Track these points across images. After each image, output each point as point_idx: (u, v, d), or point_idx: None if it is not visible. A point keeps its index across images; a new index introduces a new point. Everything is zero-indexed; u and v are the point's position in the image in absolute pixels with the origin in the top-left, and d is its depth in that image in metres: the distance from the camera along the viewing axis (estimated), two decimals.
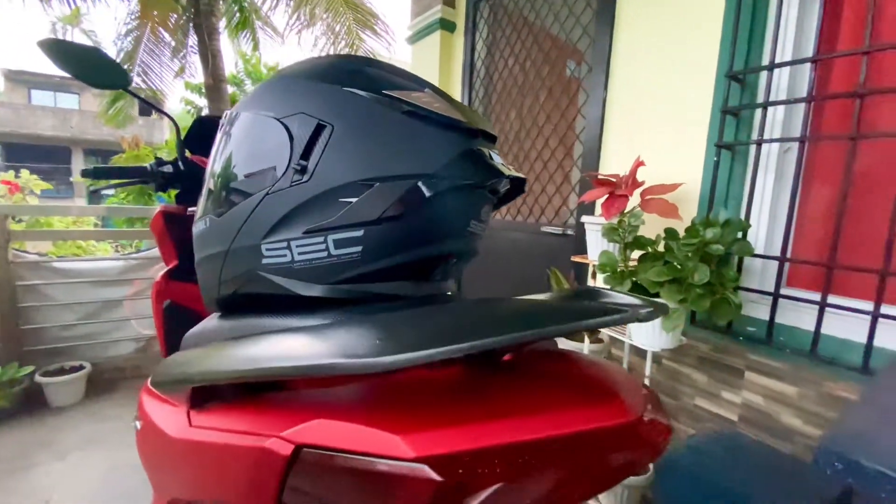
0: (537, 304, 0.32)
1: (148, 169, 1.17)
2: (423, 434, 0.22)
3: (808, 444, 1.29)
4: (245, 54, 7.72)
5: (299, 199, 0.40)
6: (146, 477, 1.51)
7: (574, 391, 0.27)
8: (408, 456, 0.22)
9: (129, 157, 4.26)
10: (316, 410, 0.27)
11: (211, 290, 0.50)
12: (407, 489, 0.22)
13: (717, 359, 1.49)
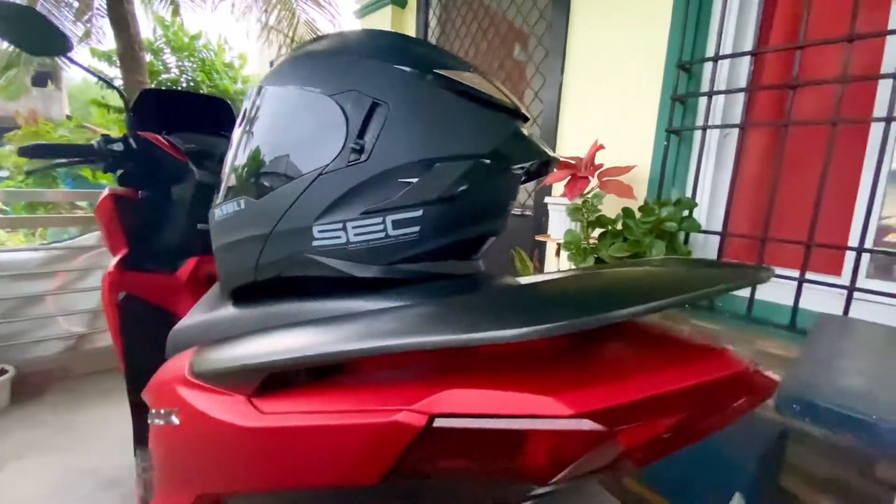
0: (657, 273, 0.35)
1: (95, 147, 1.06)
2: (572, 393, 0.24)
3: None
4: (163, 20, 6.98)
5: (357, 179, 0.39)
6: (98, 482, 1.39)
7: (680, 349, 0.30)
8: (565, 413, 0.24)
9: (25, 134, 3.75)
10: (436, 383, 0.28)
11: (240, 277, 0.47)
12: (564, 445, 0.24)
13: None
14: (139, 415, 1.21)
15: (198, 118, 1.26)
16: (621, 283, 0.30)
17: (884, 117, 1.14)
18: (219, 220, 0.48)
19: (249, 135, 0.46)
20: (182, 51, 7.25)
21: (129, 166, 1.12)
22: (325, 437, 0.31)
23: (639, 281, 0.30)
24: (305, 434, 0.32)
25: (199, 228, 1.19)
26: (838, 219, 1.33)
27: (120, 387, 2.16)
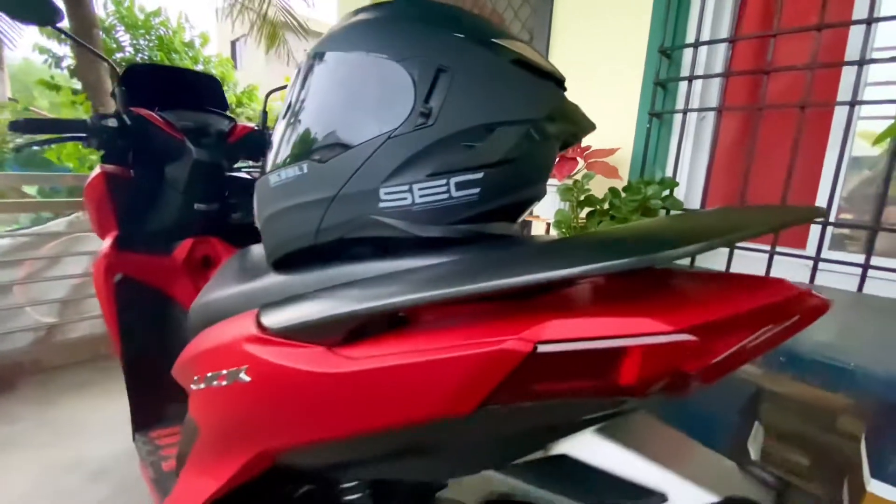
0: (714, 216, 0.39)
1: (88, 123, 1.01)
2: (664, 314, 0.28)
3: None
4: None
5: (423, 143, 0.42)
6: (86, 474, 1.36)
7: (741, 280, 0.34)
8: (666, 329, 0.27)
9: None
10: (530, 317, 0.31)
11: (297, 241, 0.48)
12: (659, 359, 0.28)
13: None
14: (139, 399, 1.18)
15: (187, 94, 1.23)
16: (689, 225, 0.34)
17: (847, 101, 1.25)
18: (275, 186, 0.49)
19: (311, 100, 0.47)
20: (137, 28, 6.83)
21: (120, 144, 1.08)
22: (421, 372, 0.33)
23: (705, 223, 0.34)
24: (399, 372, 0.34)
25: (195, 209, 1.17)
26: (805, 196, 1.44)
27: (95, 379, 2.10)
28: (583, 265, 0.27)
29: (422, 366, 0.34)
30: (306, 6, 5.39)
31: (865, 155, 1.51)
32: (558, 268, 0.28)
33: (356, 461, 0.46)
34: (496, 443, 0.40)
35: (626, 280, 0.36)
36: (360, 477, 0.50)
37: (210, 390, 0.51)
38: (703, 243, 0.28)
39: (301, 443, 0.46)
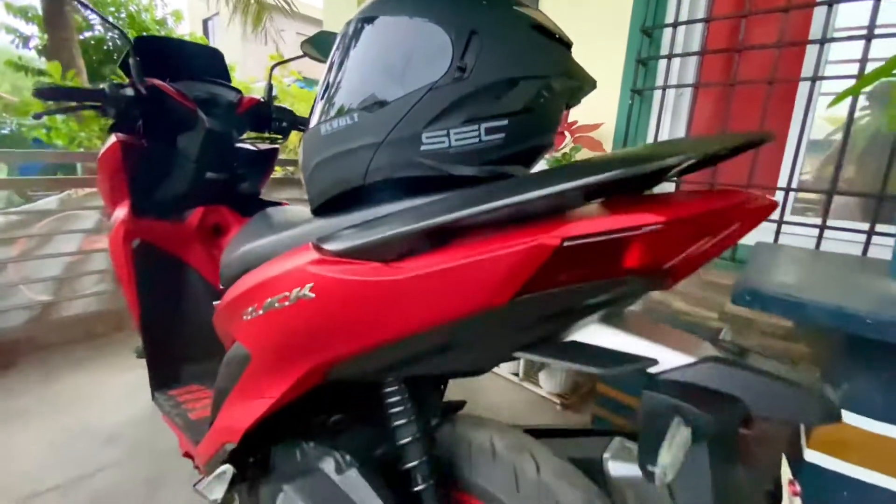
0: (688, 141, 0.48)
1: (106, 91, 1.05)
2: (653, 211, 0.37)
3: (690, 320, 1.73)
4: None
5: (459, 93, 0.49)
6: (97, 439, 1.40)
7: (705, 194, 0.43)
8: (659, 220, 0.36)
9: None
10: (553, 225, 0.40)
11: (346, 183, 0.56)
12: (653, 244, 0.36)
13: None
14: (157, 360, 1.24)
15: (193, 66, 1.26)
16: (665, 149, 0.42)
17: (809, 77, 1.37)
18: (325, 135, 0.56)
19: (360, 58, 0.54)
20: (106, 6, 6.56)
21: (134, 113, 1.11)
22: (467, 272, 0.42)
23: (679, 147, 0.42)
24: (448, 274, 0.43)
25: (206, 178, 1.21)
26: (771, 167, 1.57)
27: (92, 356, 2.13)
28: (586, 178, 0.37)
29: (468, 266, 0.42)
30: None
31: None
32: (573, 180, 0.37)
33: (400, 362, 0.55)
34: (522, 330, 0.49)
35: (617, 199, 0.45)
36: (399, 377, 0.59)
37: (270, 314, 0.59)
38: (674, 158, 0.38)
39: (357, 350, 0.54)
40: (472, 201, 0.43)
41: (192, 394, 1.20)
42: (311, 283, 0.52)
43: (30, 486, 1.29)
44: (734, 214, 0.42)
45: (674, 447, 0.37)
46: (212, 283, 1.27)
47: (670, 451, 0.37)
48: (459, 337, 0.50)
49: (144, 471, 1.37)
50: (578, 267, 0.42)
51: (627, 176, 0.37)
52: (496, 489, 0.57)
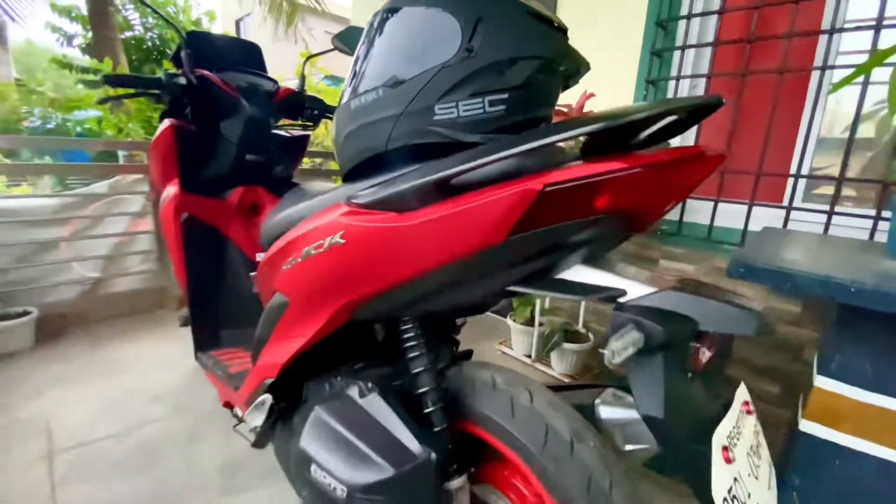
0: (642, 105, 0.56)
1: (162, 80, 1.18)
2: (620, 160, 0.46)
3: None
4: None
5: (467, 71, 0.58)
6: (145, 398, 1.56)
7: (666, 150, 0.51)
8: (624, 166, 0.45)
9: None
10: (538, 175, 0.49)
11: (371, 150, 0.66)
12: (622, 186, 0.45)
13: (639, 253, 1.92)
14: (200, 324, 1.37)
15: (235, 59, 1.39)
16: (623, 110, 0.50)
17: (820, 66, 1.40)
18: (355, 108, 0.66)
19: (385, 42, 0.64)
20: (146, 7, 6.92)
21: (184, 101, 1.25)
22: (471, 215, 0.51)
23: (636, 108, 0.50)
24: (456, 217, 0.52)
25: (247, 159, 1.34)
26: (782, 156, 1.60)
27: (136, 328, 2.31)
28: (571, 131, 0.45)
29: (469, 210, 0.52)
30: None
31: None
32: (558, 133, 0.46)
33: (414, 300, 0.65)
34: (516, 266, 0.58)
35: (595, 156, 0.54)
36: (414, 315, 0.69)
37: (307, 260, 0.69)
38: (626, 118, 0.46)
39: (379, 288, 0.65)
40: (470, 159, 0.53)
41: (232, 354, 1.33)
42: (342, 230, 0.63)
43: (86, 435, 1.45)
44: (685, 165, 0.50)
45: (623, 340, 0.46)
46: (249, 256, 1.40)
47: (619, 341, 0.46)
48: (464, 274, 0.59)
49: (187, 425, 1.52)
50: (560, 209, 0.51)
51: (587, 132, 0.46)
52: (494, 414, 0.67)
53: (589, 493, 0.58)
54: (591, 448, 0.61)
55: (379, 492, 0.60)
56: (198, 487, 1.24)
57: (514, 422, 0.65)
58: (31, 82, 7.63)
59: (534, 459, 0.62)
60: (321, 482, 0.65)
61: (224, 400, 1.19)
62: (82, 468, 1.30)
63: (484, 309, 0.70)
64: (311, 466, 0.67)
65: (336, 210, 0.66)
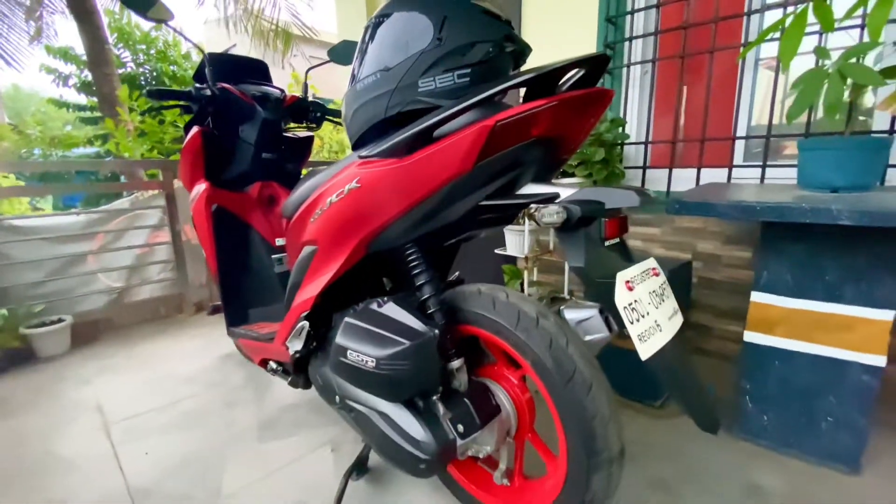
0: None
1: (192, 92, 1.42)
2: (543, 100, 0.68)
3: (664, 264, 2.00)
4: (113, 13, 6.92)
5: (439, 53, 0.81)
6: (178, 380, 1.76)
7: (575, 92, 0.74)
8: (543, 103, 0.68)
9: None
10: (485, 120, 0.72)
11: (374, 118, 0.89)
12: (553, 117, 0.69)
13: None
14: (230, 303, 1.57)
15: (246, 73, 1.62)
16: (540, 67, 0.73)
17: (742, 44, 1.66)
18: (360, 90, 0.89)
19: (381, 38, 0.87)
20: (136, 43, 7.21)
21: (209, 110, 1.48)
22: (448, 151, 0.74)
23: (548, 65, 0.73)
24: (438, 154, 0.75)
25: (263, 158, 1.57)
26: (725, 120, 1.85)
27: (161, 330, 2.50)
28: (507, 83, 0.69)
29: (446, 148, 0.74)
30: (309, 9, 5.75)
31: None
32: (498, 86, 0.70)
33: (416, 224, 0.87)
34: (485, 186, 0.80)
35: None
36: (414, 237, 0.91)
37: (331, 208, 0.92)
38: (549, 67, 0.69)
39: (387, 219, 0.86)
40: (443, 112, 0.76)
41: (261, 325, 1.53)
42: (357, 177, 0.85)
43: (133, 409, 1.64)
44: (587, 102, 0.73)
45: (550, 215, 0.70)
46: (270, 241, 1.62)
47: (547, 216, 0.70)
48: (449, 196, 0.81)
49: (221, 396, 1.71)
50: (509, 141, 0.74)
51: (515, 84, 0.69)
52: (480, 309, 0.88)
53: (551, 349, 0.80)
54: (552, 322, 0.82)
55: (397, 358, 0.82)
56: (239, 438, 1.44)
57: (495, 312, 0.87)
58: (24, 125, 7.87)
59: (510, 334, 0.84)
60: (355, 360, 0.86)
61: (259, 358, 1.39)
62: (135, 433, 1.50)
63: (469, 229, 0.93)
64: (347, 352, 0.88)
65: (352, 164, 0.89)
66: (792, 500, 1.13)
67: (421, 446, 0.86)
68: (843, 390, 1.19)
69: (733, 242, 1.86)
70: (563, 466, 0.83)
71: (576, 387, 0.78)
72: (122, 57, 7.70)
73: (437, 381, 0.85)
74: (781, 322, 1.26)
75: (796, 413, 1.27)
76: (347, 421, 1.05)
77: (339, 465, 1.28)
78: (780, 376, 1.28)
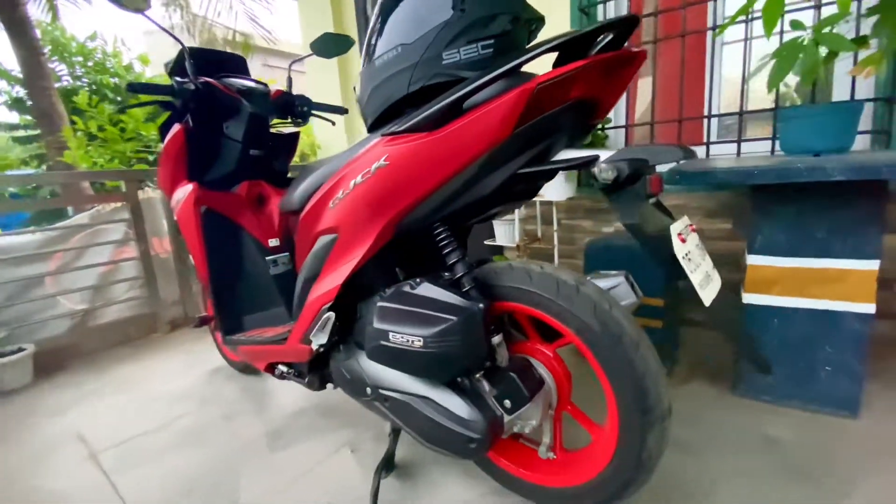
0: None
1: (175, 87, 1.33)
2: (579, 61, 0.69)
3: None
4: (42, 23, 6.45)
5: (463, 24, 0.80)
6: (170, 399, 1.65)
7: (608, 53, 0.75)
8: (582, 63, 0.68)
9: None
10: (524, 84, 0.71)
11: (396, 94, 0.86)
12: (585, 78, 0.69)
13: (596, 207, 2.22)
14: (224, 310, 1.48)
15: (225, 68, 1.54)
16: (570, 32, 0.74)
17: (711, 27, 1.75)
18: (379, 66, 0.86)
19: (400, 10, 0.84)
20: (77, 55, 6.75)
21: (191, 106, 1.39)
22: (485, 118, 0.73)
23: (579, 30, 0.74)
24: (473, 123, 0.73)
25: (251, 154, 1.50)
26: (696, 101, 1.95)
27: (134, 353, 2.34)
28: (539, 49, 0.69)
29: (485, 114, 0.73)
30: (268, 13, 5.56)
31: None
32: (530, 53, 0.69)
33: (447, 201, 0.85)
34: (522, 153, 0.80)
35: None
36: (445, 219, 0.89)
37: (354, 190, 0.88)
38: (581, 31, 0.70)
39: (418, 196, 0.84)
40: (475, 81, 0.75)
41: (257, 331, 1.45)
42: (385, 154, 0.82)
43: (119, 434, 1.51)
44: (621, 64, 0.75)
45: (605, 171, 0.70)
46: (262, 242, 1.54)
47: (604, 173, 0.70)
48: (486, 166, 0.80)
49: (218, 412, 1.61)
50: (546, 104, 0.74)
51: (549, 48, 0.70)
52: (516, 283, 0.88)
53: (596, 313, 0.80)
54: (592, 288, 0.83)
55: (446, 335, 0.79)
56: (248, 451, 1.36)
57: (532, 284, 0.86)
58: None
59: (551, 304, 0.84)
60: (399, 342, 0.83)
61: (266, 363, 1.32)
62: (128, 459, 1.38)
63: (500, 207, 0.93)
64: (389, 335, 0.85)
65: (376, 143, 0.86)
66: (805, 447, 1.19)
67: (470, 425, 0.84)
68: (839, 339, 1.27)
69: (715, 216, 1.95)
70: (614, 430, 0.83)
71: (625, 347, 0.79)
72: (57, 70, 7.19)
73: (485, 356, 0.84)
74: (778, 281, 1.33)
75: (797, 366, 1.34)
76: (380, 413, 1.01)
77: (363, 465, 1.24)
78: (780, 333, 1.35)
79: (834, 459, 1.14)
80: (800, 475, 1.09)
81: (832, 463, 1.13)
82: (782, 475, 1.10)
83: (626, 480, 0.84)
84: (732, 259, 1.96)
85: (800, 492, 1.04)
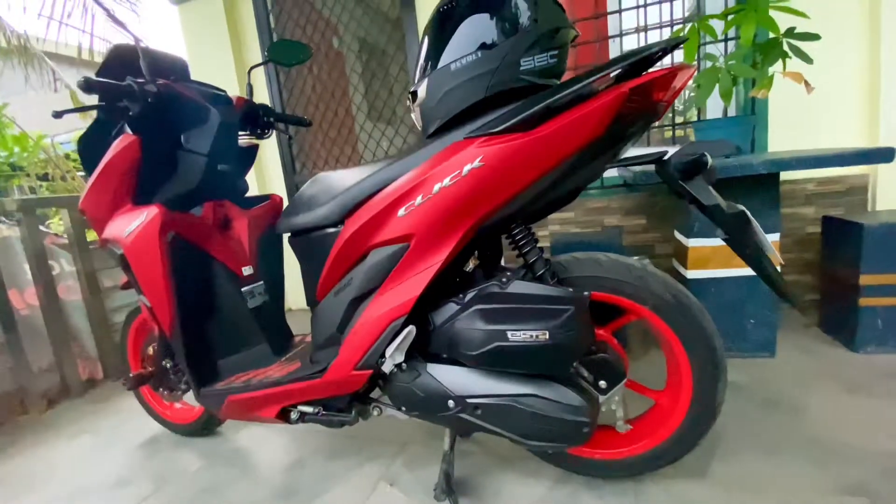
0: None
1: (134, 87, 1.08)
2: (662, 68, 0.80)
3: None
4: None
5: (537, 34, 0.84)
6: (172, 442, 1.31)
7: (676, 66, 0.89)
8: (666, 71, 0.79)
9: None
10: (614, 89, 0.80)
11: (470, 98, 0.86)
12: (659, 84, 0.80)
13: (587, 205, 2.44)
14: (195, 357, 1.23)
15: (170, 73, 1.30)
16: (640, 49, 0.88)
17: (616, 34, 2.12)
18: (455, 70, 0.85)
19: (475, 19, 0.85)
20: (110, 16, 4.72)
21: (150, 114, 1.14)
22: (583, 117, 0.79)
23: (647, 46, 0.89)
24: (572, 123, 0.79)
25: (219, 170, 1.29)
26: None
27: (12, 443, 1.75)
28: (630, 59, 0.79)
29: (584, 114, 0.80)
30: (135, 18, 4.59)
31: None
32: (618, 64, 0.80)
33: (537, 196, 0.88)
34: (609, 149, 0.88)
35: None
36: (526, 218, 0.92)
37: (439, 194, 0.85)
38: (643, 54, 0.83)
39: (510, 195, 0.85)
40: (560, 91, 0.81)
41: (247, 376, 1.24)
42: (480, 156, 0.83)
43: None
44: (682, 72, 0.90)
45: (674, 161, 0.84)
46: (234, 271, 1.32)
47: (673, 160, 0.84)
48: (580, 160, 0.85)
49: (192, 487, 1.32)
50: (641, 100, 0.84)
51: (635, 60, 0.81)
52: (590, 272, 0.95)
53: (668, 288, 0.92)
54: (654, 268, 0.95)
55: (569, 325, 0.82)
56: None
57: (604, 271, 0.95)
58: None
59: (626, 286, 0.94)
60: (521, 339, 0.83)
61: (279, 408, 1.13)
62: None
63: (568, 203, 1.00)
64: (507, 334, 0.84)
65: (463, 148, 0.85)
66: (753, 383, 1.51)
67: (581, 411, 0.88)
68: (757, 298, 1.64)
69: (631, 214, 2.32)
70: (688, 388, 0.96)
71: (695, 313, 0.92)
72: None
73: (591, 341, 0.89)
74: (712, 258, 1.66)
75: (729, 323, 1.68)
76: (461, 426, 0.97)
77: (410, 495, 1.15)
78: (716, 298, 1.68)
79: (769, 387, 1.47)
80: (765, 403, 1.38)
81: (770, 389, 1.45)
82: (747, 406, 1.37)
83: (702, 428, 0.97)
84: (649, 247, 2.36)
85: (761, 413, 1.32)
